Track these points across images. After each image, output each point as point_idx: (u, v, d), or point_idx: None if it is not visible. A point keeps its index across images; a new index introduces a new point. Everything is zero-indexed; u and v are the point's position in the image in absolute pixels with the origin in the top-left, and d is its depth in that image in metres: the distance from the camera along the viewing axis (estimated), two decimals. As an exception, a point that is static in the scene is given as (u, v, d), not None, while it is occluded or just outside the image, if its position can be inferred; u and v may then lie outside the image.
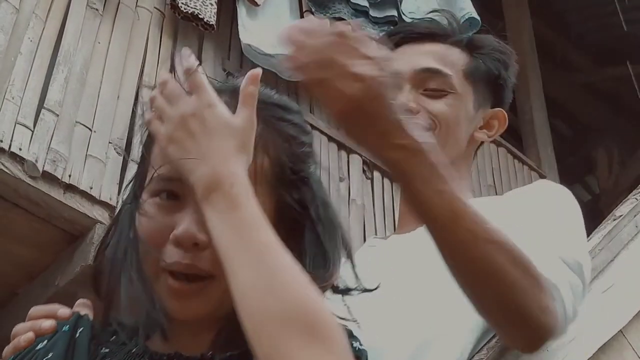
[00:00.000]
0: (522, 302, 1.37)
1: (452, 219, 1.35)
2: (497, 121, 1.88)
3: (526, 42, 6.71)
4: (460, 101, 1.79)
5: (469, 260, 1.36)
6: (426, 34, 1.84)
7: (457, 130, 1.78)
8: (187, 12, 4.24)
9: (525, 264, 1.39)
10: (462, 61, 1.82)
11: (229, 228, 1.13)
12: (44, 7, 3.81)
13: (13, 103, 3.46)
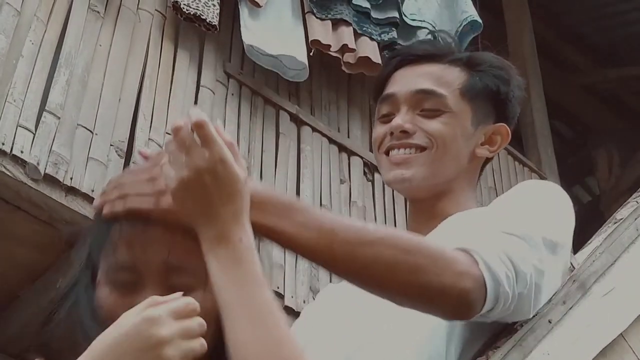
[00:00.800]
0: (430, 279, 1.42)
1: (325, 243, 1.38)
2: (500, 136, 1.88)
3: (527, 43, 6.72)
4: (457, 119, 1.81)
5: (361, 267, 1.41)
6: (424, 56, 1.87)
7: (454, 147, 1.80)
8: (190, 13, 4.25)
9: (417, 245, 1.45)
10: (459, 80, 1.84)
11: (232, 282, 1.19)
12: (46, 9, 3.82)
13: (15, 106, 3.47)
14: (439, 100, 1.81)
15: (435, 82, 1.83)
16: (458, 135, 1.81)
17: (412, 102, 1.82)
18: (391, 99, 1.85)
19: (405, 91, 1.83)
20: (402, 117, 1.81)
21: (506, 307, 1.50)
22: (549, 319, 1.64)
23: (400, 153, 1.81)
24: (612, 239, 1.88)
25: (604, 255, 1.84)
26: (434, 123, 1.80)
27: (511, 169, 5.86)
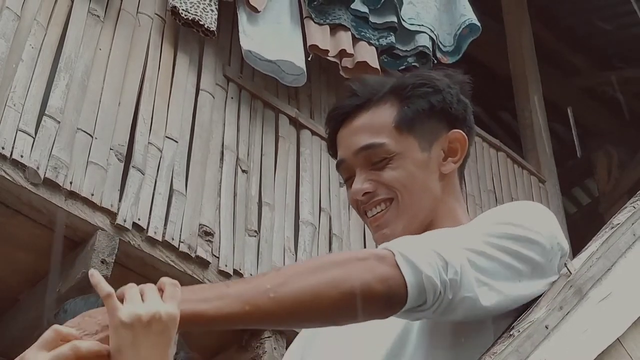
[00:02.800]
0: (352, 284, 1.44)
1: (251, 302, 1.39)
2: (458, 143, 1.86)
3: (526, 46, 6.72)
4: (405, 158, 1.81)
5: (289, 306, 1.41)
6: (351, 111, 1.86)
7: (416, 184, 1.80)
8: (188, 18, 4.26)
9: (325, 260, 1.48)
10: (390, 117, 1.83)
11: None
12: (46, 14, 3.83)
13: (14, 110, 3.48)
14: (381, 149, 1.81)
15: (369, 133, 1.83)
16: (414, 171, 1.81)
17: (359, 161, 1.82)
18: (344, 165, 1.86)
19: (349, 154, 1.84)
20: (358, 179, 1.82)
21: (439, 294, 1.50)
22: (546, 324, 1.64)
23: (375, 212, 1.82)
24: (609, 244, 1.89)
25: (600, 260, 1.84)
26: (387, 172, 1.80)
27: (510, 171, 5.87)
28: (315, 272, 1.45)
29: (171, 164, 3.96)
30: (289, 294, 1.40)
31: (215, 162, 4.18)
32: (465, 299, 1.53)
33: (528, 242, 1.63)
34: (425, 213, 1.82)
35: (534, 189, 5.96)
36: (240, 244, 4.04)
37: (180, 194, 3.91)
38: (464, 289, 1.53)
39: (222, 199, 4.09)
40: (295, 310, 1.41)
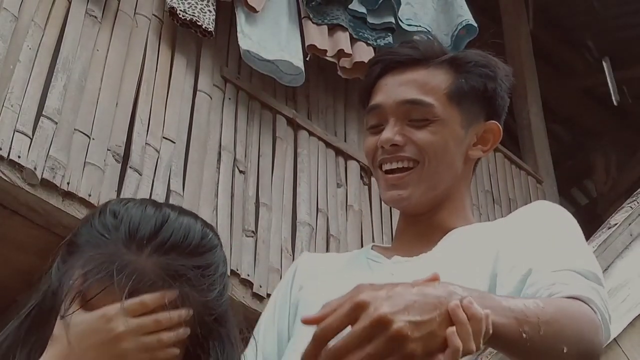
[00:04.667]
0: (592, 343, 1.46)
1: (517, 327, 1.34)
2: (492, 134, 1.87)
3: (524, 46, 6.73)
4: (446, 126, 1.79)
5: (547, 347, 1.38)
6: (407, 62, 1.84)
7: (447, 156, 1.78)
8: (186, 19, 4.26)
9: (571, 310, 1.45)
10: (445, 84, 1.82)
11: None
12: (43, 14, 3.82)
13: (12, 111, 3.48)
14: (427, 109, 1.79)
15: (421, 90, 1.80)
16: (449, 142, 1.79)
17: (399, 113, 1.80)
18: (378, 110, 1.83)
19: (391, 102, 1.81)
20: (390, 129, 1.79)
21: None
22: (543, 324, 1.64)
23: (393, 167, 1.79)
24: (606, 245, 1.90)
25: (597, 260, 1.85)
26: (424, 133, 1.78)
27: (508, 172, 5.87)
28: (570, 321, 1.42)
29: (168, 164, 3.96)
30: (551, 330, 1.37)
31: (212, 163, 4.18)
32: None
33: None
34: (443, 188, 1.81)
35: (532, 189, 5.97)
36: (238, 245, 4.04)
37: (178, 195, 3.91)
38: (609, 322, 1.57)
39: (220, 199, 4.09)
40: (546, 352, 1.38)
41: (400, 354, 1.12)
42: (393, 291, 1.16)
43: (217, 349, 1.31)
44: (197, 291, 1.28)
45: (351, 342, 1.11)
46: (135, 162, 3.83)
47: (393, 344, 1.11)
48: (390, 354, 1.11)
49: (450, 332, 1.14)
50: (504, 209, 5.60)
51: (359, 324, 1.12)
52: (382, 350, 1.11)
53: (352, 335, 1.12)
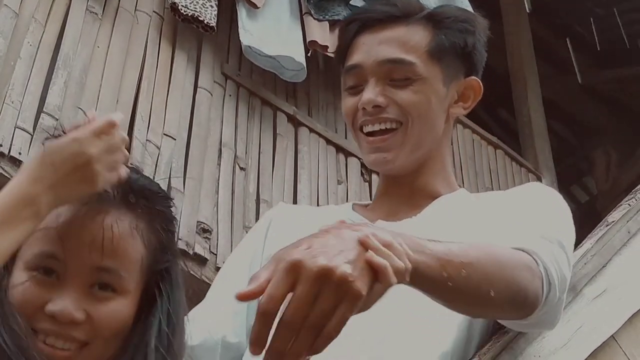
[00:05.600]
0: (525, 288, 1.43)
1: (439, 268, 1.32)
2: (472, 91, 1.84)
3: (524, 43, 6.73)
4: (428, 85, 1.76)
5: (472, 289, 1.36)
6: (385, 19, 1.79)
7: (430, 115, 1.75)
8: (187, 14, 4.26)
9: (506, 256, 1.44)
10: (425, 41, 1.78)
11: None
12: (44, 11, 3.83)
13: (13, 107, 3.48)
14: (408, 68, 1.74)
15: (401, 48, 1.76)
16: (432, 101, 1.75)
17: (380, 72, 1.75)
18: (357, 70, 1.78)
19: (371, 62, 1.76)
20: (372, 90, 1.74)
21: (547, 312, 1.52)
22: (540, 321, 1.65)
23: (376, 128, 1.75)
24: (604, 242, 1.90)
25: (595, 258, 1.85)
26: (406, 93, 1.74)
27: (508, 169, 5.87)
28: (498, 264, 1.40)
29: (169, 161, 3.97)
30: (476, 273, 1.34)
31: (213, 160, 4.19)
32: (555, 315, 1.56)
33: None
34: (426, 149, 1.78)
35: (532, 186, 5.96)
36: (238, 241, 4.03)
37: (178, 192, 3.91)
38: (559, 308, 1.56)
39: (220, 196, 4.09)
40: (471, 294, 1.36)
41: (350, 297, 1.10)
42: (314, 242, 1.13)
43: (168, 290, 1.34)
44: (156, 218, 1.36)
45: (302, 306, 1.08)
46: (136, 158, 3.83)
47: (341, 291, 1.09)
48: (341, 301, 1.09)
49: (370, 255, 1.13)
50: (504, 206, 5.60)
51: (302, 285, 1.09)
52: (333, 301, 1.09)
53: (300, 299, 1.08)
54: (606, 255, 1.88)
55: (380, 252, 1.14)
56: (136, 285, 1.31)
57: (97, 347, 1.27)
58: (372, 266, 1.12)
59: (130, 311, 1.30)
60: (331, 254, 1.11)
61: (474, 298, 1.37)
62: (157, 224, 1.35)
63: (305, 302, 1.08)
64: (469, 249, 1.37)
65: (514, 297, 1.42)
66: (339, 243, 1.13)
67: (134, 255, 1.31)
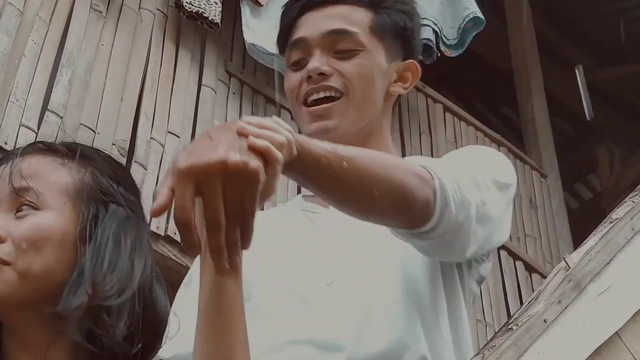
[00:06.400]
0: (413, 193, 1.47)
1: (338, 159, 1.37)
2: (411, 73, 1.89)
3: (528, 40, 6.72)
4: (372, 58, 1.80)
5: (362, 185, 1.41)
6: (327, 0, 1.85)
7: (371, 88, 1.80)
8: (192, 11, 4.27)
9: (399, 162, 1.50)
10: (367, 17, 1.83)
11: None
12: (48, 9, 3.84)
13: (17, 105, 3.49)
14: (353, 38, 1.80)
15: (345, 21, 1.81)
16: (374, 74, 1.80)
17: (325, 44, 1.80)
18: (302, 44, 1.82)
19: (316, 34, 1.81)
20: (317, 59, 1.78)
21: (447, 229, 1.53)
22: (544, 318, 1.66)
23: (320, 95, 1.79)
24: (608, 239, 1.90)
25: (599, 254, 1.86)
26: (350, 65, 1.78)
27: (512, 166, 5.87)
28: (382, 165, 1.45)
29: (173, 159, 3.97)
30: (357, 168, 1.38)
31: (217, 157, 4.19)
32: (459, 242, 1.58)
33: (509, 188, 1.70)
34: (368, 120, 1.82)
35: (536, 183, 5.97)
36: (242, 239, 4.05)
37: (183, 189, 3.92)
38: (463, 234, 1.57)
39: (224, 193, 4.09)
40: (354, 188, 1.40)
41: (250, 179, 1.13)
42: (197, 146, 1.16)
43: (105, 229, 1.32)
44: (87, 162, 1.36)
45: (215, 206, 1.12)
46: (140, 156, 3.84)
47: (240, 177, 1.13)
48: (245, 185, 1.13)
49: (250, 140, 1.17)
50: (508, 203, 5.60)
51: (205, 187, 1.12)
52: (239, 189, 1.12)
53: (210, 201, 1.12)
54: (610, 252, 1.88)
55: (259, 134, 1.18)
56: (64, 205, 1.30)
57: (27, 265, 1.25)
58: (255, 150, 1.16)
59: (54, 225, 1.28)
60: (216, 149, 1.13)
61: (357, 194, 1.41)
62: (88, 166, 1.36)
63: (215, 201, 1.12)
64: (353, 148, 1.42)
65: (399, 198, 1.46)
66: (219, 139, 1.15)
67: (55, 178, 1.32)
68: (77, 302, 1.22)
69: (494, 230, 1.66)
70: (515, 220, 5.56)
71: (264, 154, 1.16)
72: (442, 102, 5.68)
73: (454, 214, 1.52)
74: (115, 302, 1.24)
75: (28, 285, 1.25)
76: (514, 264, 5.32)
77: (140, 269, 1.30)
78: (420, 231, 1.52)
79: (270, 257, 1.70)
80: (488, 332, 4.63)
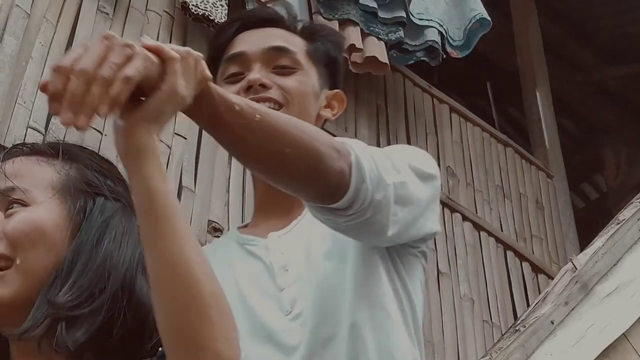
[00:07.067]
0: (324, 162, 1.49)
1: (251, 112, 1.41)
2: (337, 102, 1.94)
3: (534, 40, 6.72)
4: (308, 77, 1.87)
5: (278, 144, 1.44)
6: (266, 19, 1.92)
7: (307, 105, 1.85)
8: (198, 13, 4.28)
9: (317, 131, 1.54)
10: (303, 42, 1.91)
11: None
12: (55, 11, 3.84)
13: (25, 107, 3.50)
14: (292, 57, 1.86)
15: (285, 40, 1.88)
16: (310, 93, 1.86)
17: (264, 59, 1.85)
18: (241, 58, 1.87)
19: (256, 49, 1.86)
20: (258, 72, 1.83)
21: (363, 208, 1.54)
22: (552, 319, 1.67)
23: None
24: (615, 240, 1.91)
25: (606, 256, 1.86)
26: (289, 80, 1.84)
27: (518, 167, 5.87)
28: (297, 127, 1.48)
29: (180, 160, 3.98)
30: (270, 123, 1.42)
31: (223, 159, 4.20)
32: (377, 222, 1.59)
33: (432, 178, 1.74)
34: None
35: (542, 184, 5.97)
36: (249, 240, 4.06)
37: (189, 191, 3.93)
38: (381, 214, 1.59)
39: (231, 195, 4.10)
40: (265, 142, 1.43)
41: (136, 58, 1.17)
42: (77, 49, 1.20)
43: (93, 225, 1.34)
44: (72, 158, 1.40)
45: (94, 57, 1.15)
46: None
47: (126, 51, 1.16)
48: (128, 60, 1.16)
49: (145, 39, 1.22)
50: (514, 204, 5.61)
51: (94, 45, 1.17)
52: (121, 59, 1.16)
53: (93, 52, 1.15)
54: (617, 253, 1.89)
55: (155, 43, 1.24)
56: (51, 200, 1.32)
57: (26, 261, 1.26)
58: (149, 49, 1.20)
59: (44, 219, 1.29)
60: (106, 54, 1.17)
61: (267, 150, 1.44)
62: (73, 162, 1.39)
63: (97, 54, 1.15)
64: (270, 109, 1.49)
65: (311, 163, 1.48)
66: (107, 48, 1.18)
67: (40, 175, 1.34)
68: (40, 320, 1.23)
69: (418, 215, 1.69)
70: (522, 220, 5.56)
71: (158, 52, 1.20)
72: (448, 102, 5.69)
73: (370, 192, 1.54)
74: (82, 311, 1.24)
75: (30, 283, 1.26)
76: (521, 265, 5.33)
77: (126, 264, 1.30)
78: (337, 208, 1.53)
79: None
80: (495, 333, 4.63)
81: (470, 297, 4.84)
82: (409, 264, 1.74)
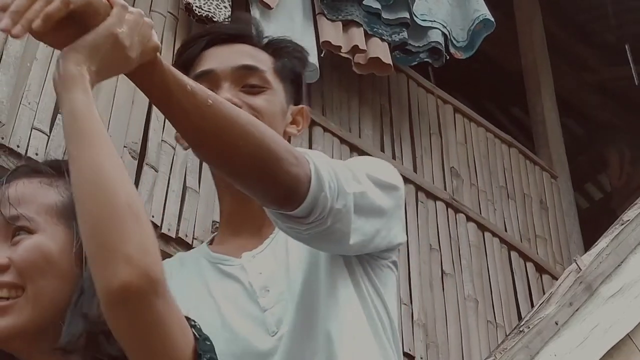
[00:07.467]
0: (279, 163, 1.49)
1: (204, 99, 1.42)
2: (301, 118, 1.95)
3: (537, 41, 6.72)
4: (276, 96, 1.86)
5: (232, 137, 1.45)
6: (234, 35, 1.90)
7: (276, 124, 1.82)
8: (202, 14, 4.29)
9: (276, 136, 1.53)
10: (270, 60, 1.89)
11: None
12: (59, 12, 3.85)
13: (29, 108, 3.51)
14: (261, 75, 1.84)
15: (254, 59, 1.86)
16: (278, 112, 1.85)
17: (234, 77, 1.83)
18: (210, 76, 1.84)
19: (224, 67, 1.84)
20: (227, 91, 1.81)
21: (322, 216, 1.54)
22: (556, 320, 1.66)
23: None
24: (619, 241, 1.91)
25: (610, 256, 1.86)
26: (259, 99, 1.82)
27: (522, 167, 5.88)
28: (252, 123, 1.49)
29: (184, 161, 3.99)
30: (222, 112, 1.43)
31: (228, 159, 4.20)
32: (338, 231, 1.59)
33: (394, 189, 1.73)
34: None
35: (546, 184, 5.97)
36: (253, 241, 4.06)
37: (194, 191, 3.93)
38: (342, 223, 1.59)
39: (235, 195, 4.10)
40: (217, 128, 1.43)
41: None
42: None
43: None
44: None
45: None
46: (151, 159, 3.85)
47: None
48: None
49: None
50: (518, 204, 5.61)
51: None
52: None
53: None
54: (621, 253, 1.89)
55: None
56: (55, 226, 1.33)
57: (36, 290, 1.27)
58: None
59: (50, 246, 1.30)
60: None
61: (219, 138, 1.44)
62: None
63: None
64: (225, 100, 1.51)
65: (265, 161, 1.48)
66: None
67: (43, 200, 1.34)
68: (77, 335, 1.24)
69: (381, 225, 1.69)
70: (526, 221, 5.56)
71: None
72: (452, 103, 5.69)
73: (330, 200, 1.54)
74: None
75: (40, 312, 1.27)
76: (525, 265, 5.33)
77: None
78: (296, 215, 1.53)
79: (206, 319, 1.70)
80: (499, 334, 4.63)
81: (475, 298, 4.85)
82: (381, 273, 1.75)
